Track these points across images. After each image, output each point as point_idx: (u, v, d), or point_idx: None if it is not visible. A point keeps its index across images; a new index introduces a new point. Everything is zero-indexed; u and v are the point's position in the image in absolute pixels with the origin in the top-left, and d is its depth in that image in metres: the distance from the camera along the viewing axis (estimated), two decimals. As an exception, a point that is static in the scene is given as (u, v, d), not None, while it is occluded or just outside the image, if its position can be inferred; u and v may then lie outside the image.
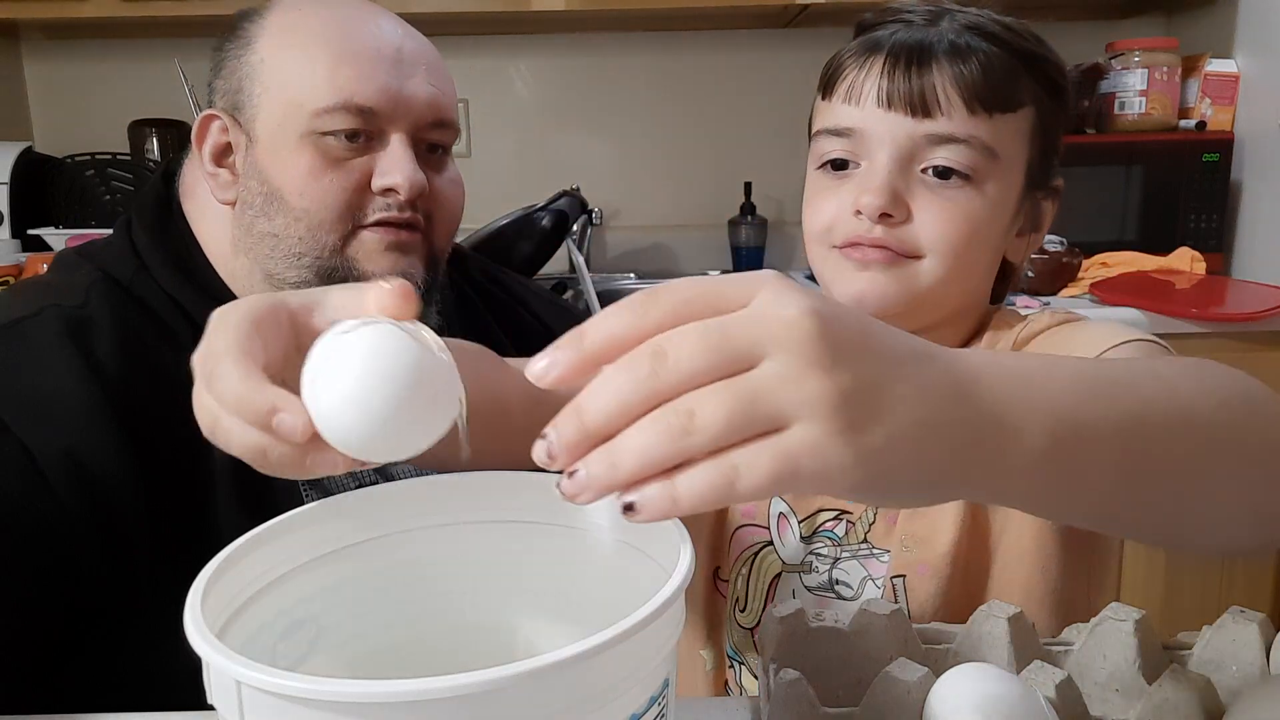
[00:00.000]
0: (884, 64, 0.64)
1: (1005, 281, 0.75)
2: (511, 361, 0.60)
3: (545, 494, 0.49)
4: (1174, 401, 0.41)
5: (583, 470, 0.31)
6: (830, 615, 0.52)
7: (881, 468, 0.31)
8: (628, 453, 0.31)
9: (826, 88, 0.69)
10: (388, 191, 0.74)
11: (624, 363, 0.32)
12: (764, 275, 0.33)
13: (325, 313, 0.44)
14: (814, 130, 0.70)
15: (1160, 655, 0.51)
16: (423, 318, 0.77)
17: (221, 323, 0.42)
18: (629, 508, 0.31)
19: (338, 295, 0.44)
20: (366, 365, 0.38)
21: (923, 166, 0.64)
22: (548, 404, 0.34)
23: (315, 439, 0.38)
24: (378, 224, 0.74)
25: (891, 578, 0.68)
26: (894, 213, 0.63)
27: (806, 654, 0.50)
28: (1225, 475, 0.42)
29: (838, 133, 0.66)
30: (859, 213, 0.64)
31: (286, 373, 0.41)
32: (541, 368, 0.33)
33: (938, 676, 0.46)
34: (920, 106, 0.63)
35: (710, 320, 0.31)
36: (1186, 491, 0.41)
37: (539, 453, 0.32)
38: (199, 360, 0.42)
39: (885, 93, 0.64)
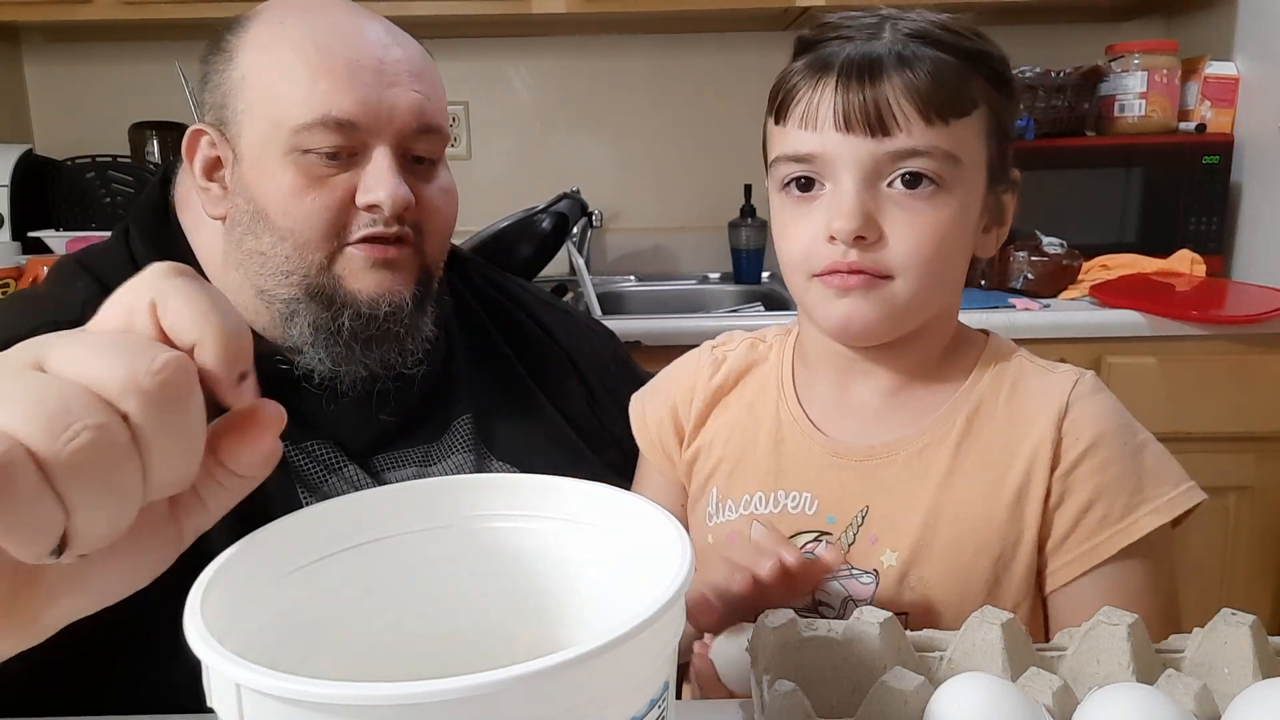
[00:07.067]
0: (835, 84, 0.63)
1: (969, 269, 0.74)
2: None
3: (544, 495, 0.50)
4: None
5: None
6: (823, 625, 0.52)
7: None
8: None
9: (779, 113, 0.67)
10: (372, 208, 0.72)
11: None
12: None
13: None
14: (771, 157, 0.68)
15: (1154, 658, 0.51)
16: (418, 327, 0.77)
17: None
18: None
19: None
20: None
21: (888, 180, 0.63)
22: None
23: None
24: (364, 240, 0.73)
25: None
26: (867, 234, 0.63)
27: (800, 664, 0.50)
28: None
29: (798, 159, 0.65)
30: (833, 238, 0.63)
31: None
32: None
33: (932, 684, 0.46)
34: (878, 125, 0.62)
35: None
36: None
37: None
38: None
39: (841, 114, 0.62)
